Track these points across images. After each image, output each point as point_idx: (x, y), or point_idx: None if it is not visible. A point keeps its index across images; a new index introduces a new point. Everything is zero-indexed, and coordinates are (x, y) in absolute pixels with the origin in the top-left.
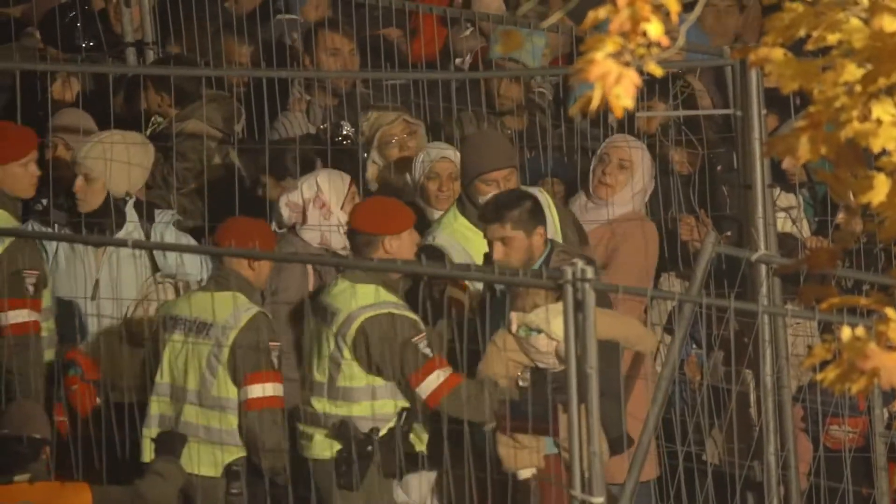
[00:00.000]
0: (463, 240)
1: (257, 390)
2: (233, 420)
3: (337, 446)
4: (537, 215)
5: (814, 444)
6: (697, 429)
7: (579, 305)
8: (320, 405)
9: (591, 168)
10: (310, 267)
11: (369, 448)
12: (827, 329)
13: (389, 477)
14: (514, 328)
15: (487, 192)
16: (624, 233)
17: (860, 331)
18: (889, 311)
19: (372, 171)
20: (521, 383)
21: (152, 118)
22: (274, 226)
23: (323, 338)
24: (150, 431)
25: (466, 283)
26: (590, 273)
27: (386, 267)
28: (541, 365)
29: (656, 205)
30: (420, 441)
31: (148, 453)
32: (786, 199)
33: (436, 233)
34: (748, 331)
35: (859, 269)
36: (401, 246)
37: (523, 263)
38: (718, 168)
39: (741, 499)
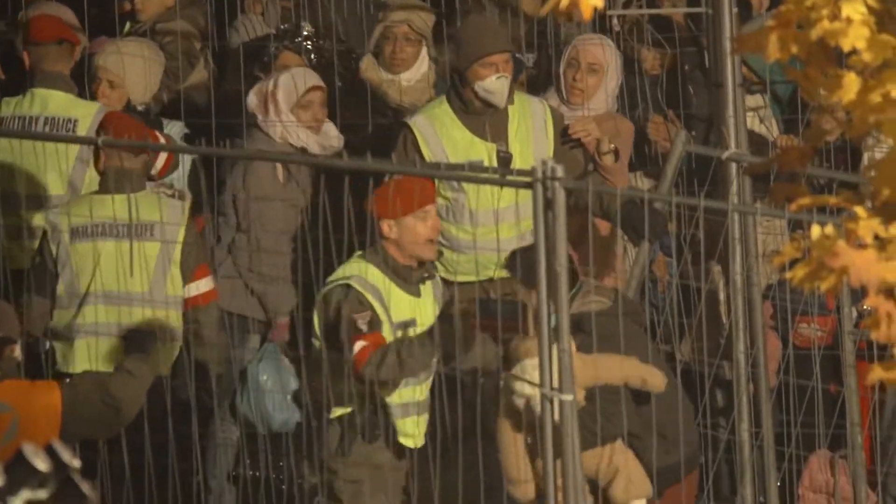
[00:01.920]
0: (440, 126)
1: (204, 284)
2: (177, 317)
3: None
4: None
5: (783, 343)
6: (667, 328)
7: (549, 204)
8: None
9: (562, 71)
10: (277, 165)
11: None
12: (797, 227)
13: (345, 454)
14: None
15: (486, 77)
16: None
17: (830, 229)
18: (858, 210)
19: (365, 63)
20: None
21: (126, 23)
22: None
23: None
24: (86, 342)
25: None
26: (559, 171)
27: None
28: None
29: (625, 105)
30: (406, 433)
31: (79, 363)
32: (753, 99)
33: (417, 114)
34: (718, 229)
35: (829, 168)
36: (400, 232)
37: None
38: (686, 67)
39: (710, 397)
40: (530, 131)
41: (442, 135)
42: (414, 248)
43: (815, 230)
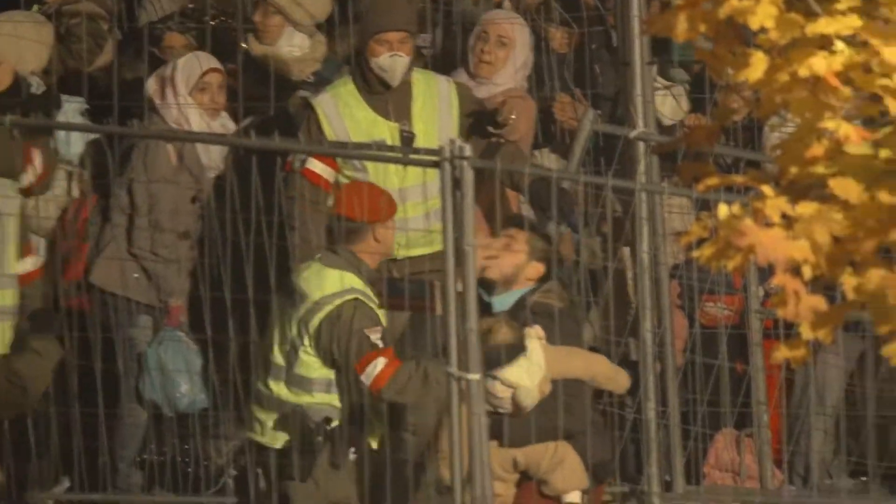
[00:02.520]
0: (343, 106)
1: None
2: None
3: (285, 436)
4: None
5: (689, 321)
6: (574, 307)
7: (457, 183)
8: (277, 388)
9: (470, 45)
10: (170, 147)
11: (319, 439)
12: (704, 206)
13: (336, 469)
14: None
15: (380, 54)
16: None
17: (736, 208)
18: (765, 188)
19: (250, 39)
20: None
21: (34, 6)
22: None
23: (286, 319)
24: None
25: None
26: (467, 150)
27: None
28: (501, 410)
29: (532, 82)
30: (374, 438)
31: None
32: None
33: (322, 92)
34: (626, 208)
35: (737, 147)
36: (386, 235)
37: (503, 276)
38: (593, 46)
39: None
40: (435, 110)
41: (345, 114)
42: (390, 250)
43: (723, 209)
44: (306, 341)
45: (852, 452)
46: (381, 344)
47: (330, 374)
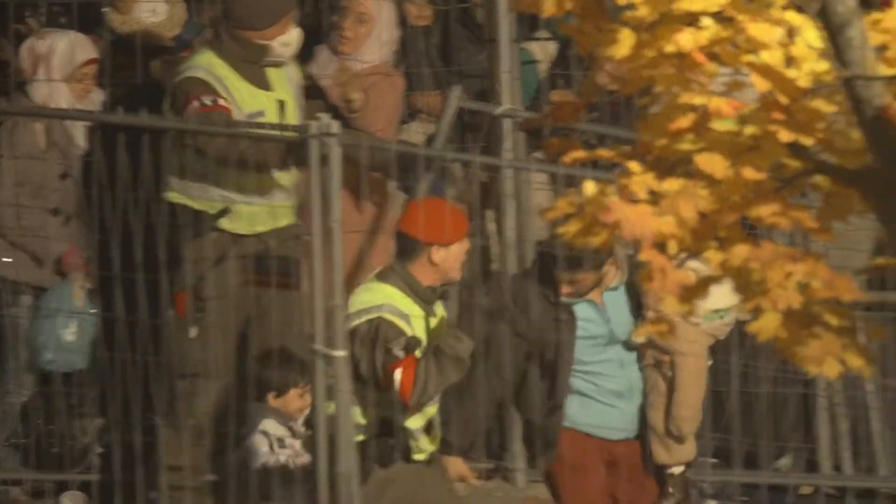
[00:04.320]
0: (224, 77)
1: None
2: None
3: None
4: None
5: None
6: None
7: (324, 160)
8: None
9: (334, 22)
10: (38, 125)
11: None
12: (570, 183)
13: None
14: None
15: (286, 31)
16: (371, 83)
17: (603, 184)
18: (632, 165)
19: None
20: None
21: None
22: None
23: None
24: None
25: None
26: (334, 128)
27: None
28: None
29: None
30: (421, 449)
31: None
32: (529, 53)
33: (193, 68)
34: (492, 185)
35: (603, 123)
36: (447, 257)
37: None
38: (458, 23)
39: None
40: (287, 84)
41: (229, 86)
42: (451, 272)
43: (589, 186)
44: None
45: (717, 429)
46: (401, 355)
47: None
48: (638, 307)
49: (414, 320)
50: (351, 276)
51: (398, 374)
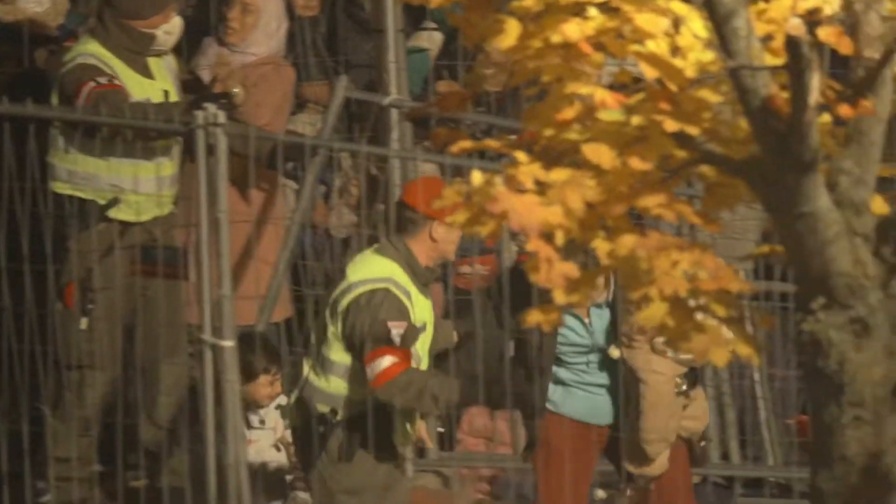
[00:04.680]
0: (112, 67)
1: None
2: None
3: (297, 419)
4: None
5: (444, 287)
6: (327, 275)
7: (211, 150)
8: (308, 367)
9: (221, 13)
10: None
11: (321, 429)
12: (457, 173)
13: (345, 461)
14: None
15: (168, 20)
16: (260, 75)
17: (490, 174)
18: (518, 155)
19: None
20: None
21: None
22: None
23: (327, 300)
24: None
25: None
26: (221, 118)
27: None
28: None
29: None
30: (404, 439)
31: None
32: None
33: (82, 55)
34: (380, 175)
35: (490, 114)
36: (447, 235)
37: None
38: (344, 13)
39: None
40: (168, 74)
41: (118, 73)
42: (448, 251)
43: (476, 176)
44: (337, 322)
45: None
46: (397, 341)
47: (348, 360)
48: (615, 325)
49: (413, 300)
50: (238, 267)
51: (386, 361)
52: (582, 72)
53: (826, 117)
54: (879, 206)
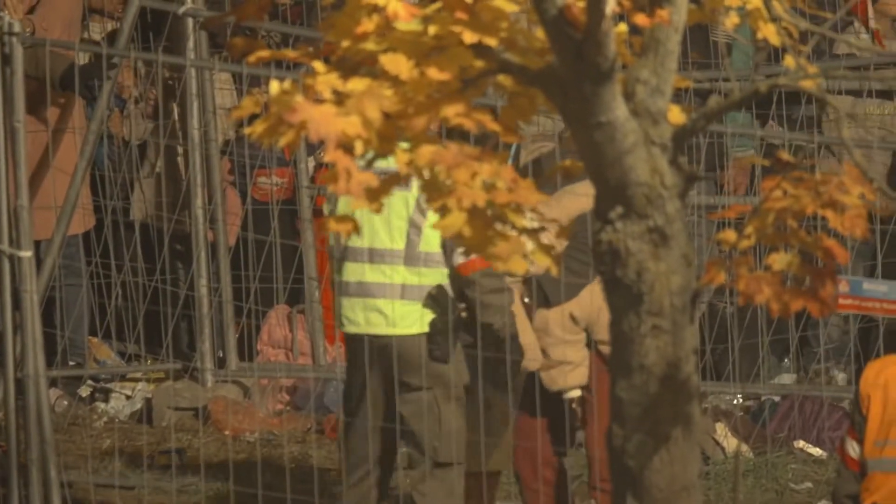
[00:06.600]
0: None
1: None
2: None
3: (428, 316)
4: None
5: (242, 198)
6: (125, 185)
7: (6, 59)
8: (395, 274)
9: None
10: None
11: (463, 314)
12: (254, 82)
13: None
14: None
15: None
16: None
17: (288, 84)
18: (317, 65)
19: None
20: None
21: None
22: None
23: (395, 202)
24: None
25: None
26: (17, 27)
27: None
28: None
29: None
30: None
31: None
32: None
33: None
34: (176, 84)
35: (287, 24)
36: None
37: None
38: None
39: (170, 252)
40: None
41: None
42: None
43: (274, 85)
44: (429, 215)
45: None
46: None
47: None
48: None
49: None
50: (35, 176)
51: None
52: None
53: (622, 26)
54: (676, 115)
